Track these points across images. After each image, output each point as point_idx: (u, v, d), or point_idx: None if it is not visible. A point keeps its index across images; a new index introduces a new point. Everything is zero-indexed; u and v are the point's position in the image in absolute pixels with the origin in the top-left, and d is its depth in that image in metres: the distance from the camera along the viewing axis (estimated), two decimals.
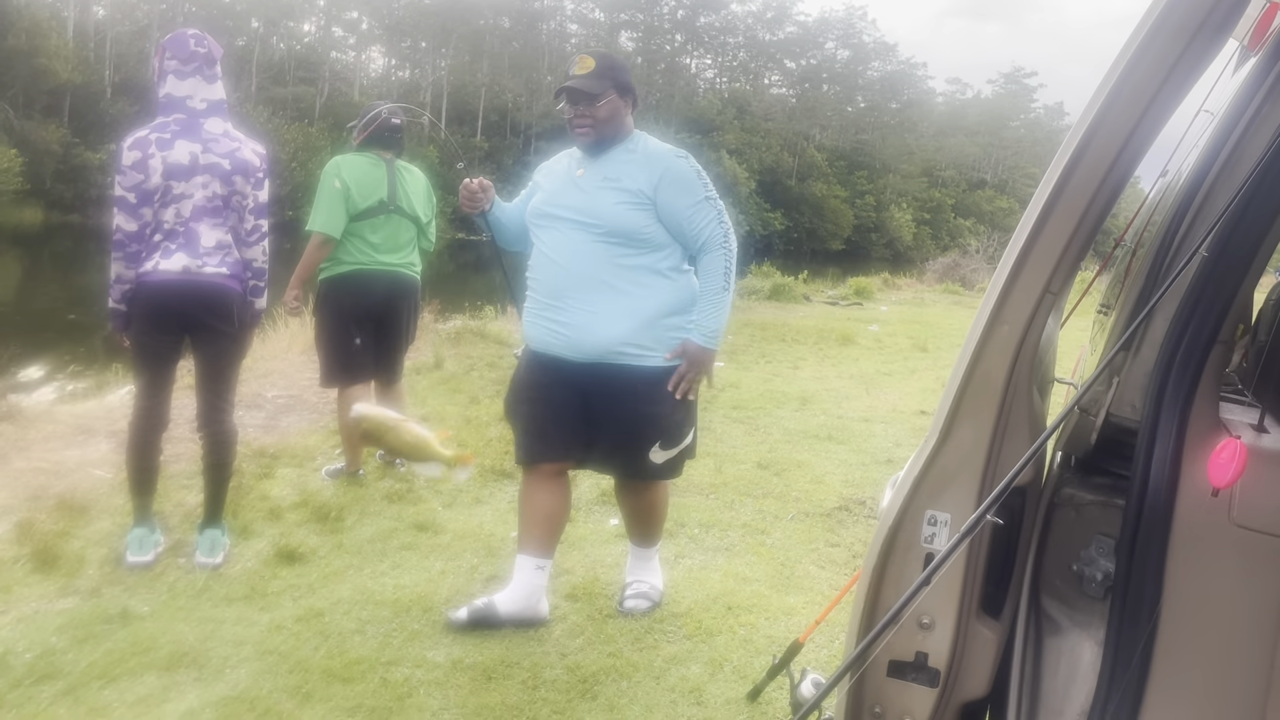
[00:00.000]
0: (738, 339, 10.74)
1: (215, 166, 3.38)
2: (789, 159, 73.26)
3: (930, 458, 1.32)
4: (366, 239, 4.39)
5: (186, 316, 3.41)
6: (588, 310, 2.98)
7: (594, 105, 2.98)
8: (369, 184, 4.37)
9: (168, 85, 3.41)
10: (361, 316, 4.46)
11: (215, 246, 3.40)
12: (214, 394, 3.55)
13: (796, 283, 18.47)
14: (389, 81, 65.53)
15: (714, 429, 6.18)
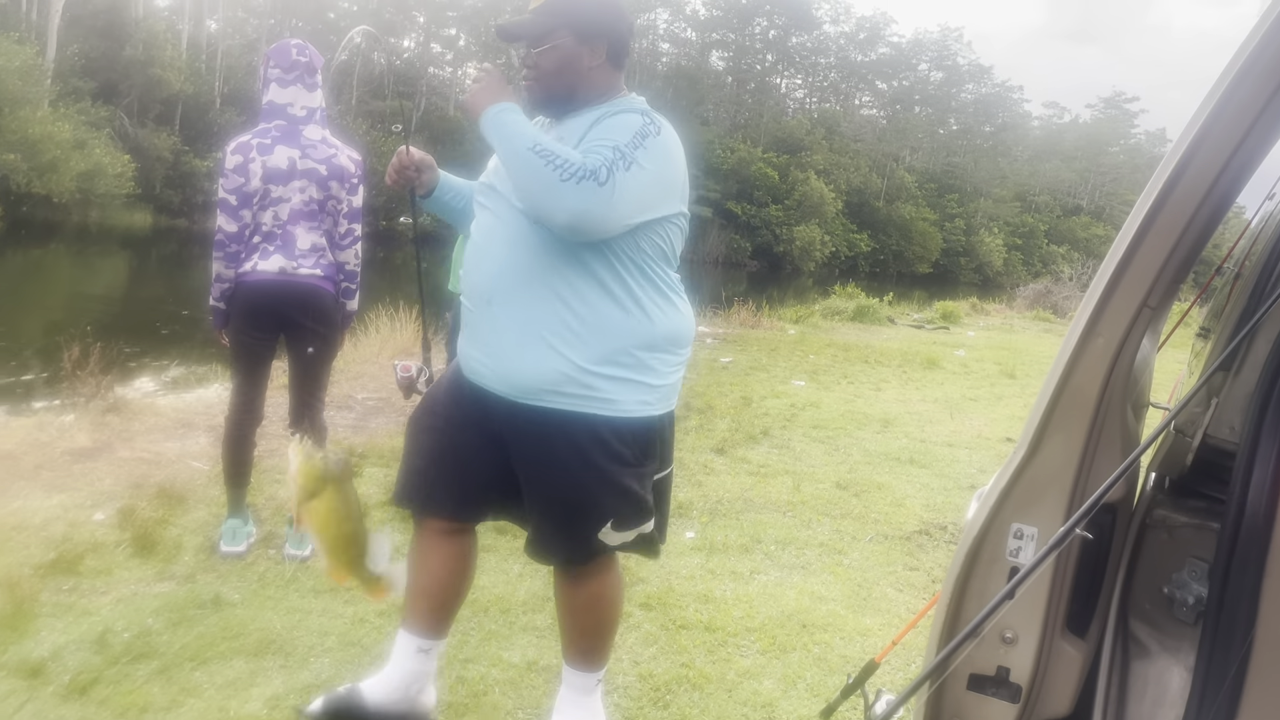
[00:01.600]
0: (820, 359, 10.66)
1: (312, 172, 3.51)
2: (877, 180, 72.46)
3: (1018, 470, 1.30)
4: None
5: (281, 316, 3.53)
6: (519, 326, 2.12)
7: (534, 52, 2.19)
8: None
9: (270, 92, 3.55)
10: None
11: (310, 249, 3.52)
12: (306, 392, 3.67)
13: (881, 305, 18.24)
14: None
15: (793, 447, 6.15)
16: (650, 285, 2.18)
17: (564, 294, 2.11)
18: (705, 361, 9.65)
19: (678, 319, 2.26)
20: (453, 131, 52.11)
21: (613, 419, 2.16)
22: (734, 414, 7.01)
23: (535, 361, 2.12)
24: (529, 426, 2.18)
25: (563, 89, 2.20)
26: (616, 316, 2.13)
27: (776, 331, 13.39)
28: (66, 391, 5.85)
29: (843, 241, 65.59)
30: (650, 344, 2.17)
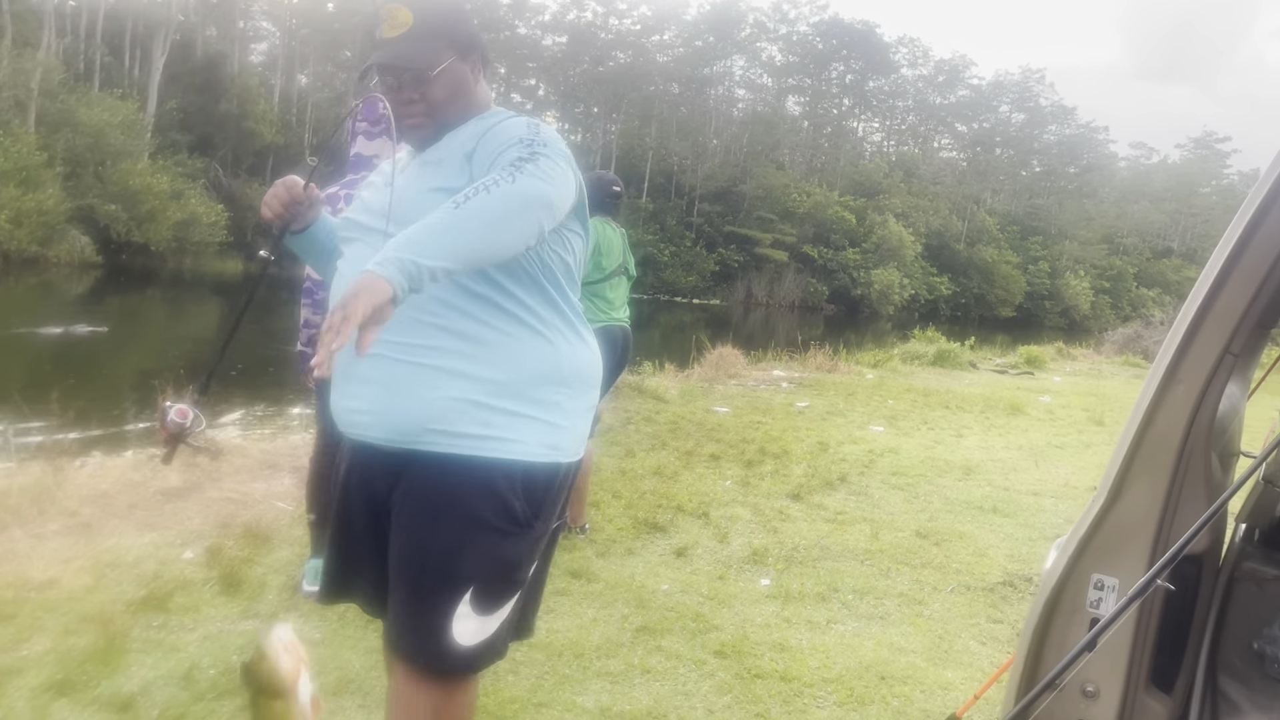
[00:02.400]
0: (899, 404, 10.50)
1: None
2: (958, 223, 71.51)
3: (1098, 519, 1.27)
4: (606, 298, 4.65)
5: None
6: (398, 355, 1.78)
7: (425, 83, 1.86)
8: (612, 249, 4.67)
9: (358, 145, 3.67)
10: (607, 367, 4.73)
11: None
12: None
13: (963, 349, 17.90)
14: None
15: (871, 494, 6.06)
16: (553, 310, 1.86)
17: (452, 320, 1.77)
18: (781, 406, 9.58)
19: (586, 353, 1.93)
20: None
21: (511, 464, 1.79)
22: (810, 459, 6.94)
23: (419, 393, 1.76)
24: (411, 479, 1.81)
25: (456, 113, 1.90)
26: (518, 340, 1.80)
27: (854, 376, 13.24)
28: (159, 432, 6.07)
29: (922, 285, 64.73)
30: (558, 377, 1.84)
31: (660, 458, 6.53)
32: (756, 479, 6.17)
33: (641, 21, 68.51)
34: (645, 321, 33.21)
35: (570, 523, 4.72)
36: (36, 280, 27.84)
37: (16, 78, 33.31)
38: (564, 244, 1.87)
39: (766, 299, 59.15)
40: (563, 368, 1.85)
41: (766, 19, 74.53)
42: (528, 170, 1.64)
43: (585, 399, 1.92)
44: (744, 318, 47.64)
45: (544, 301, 1.84)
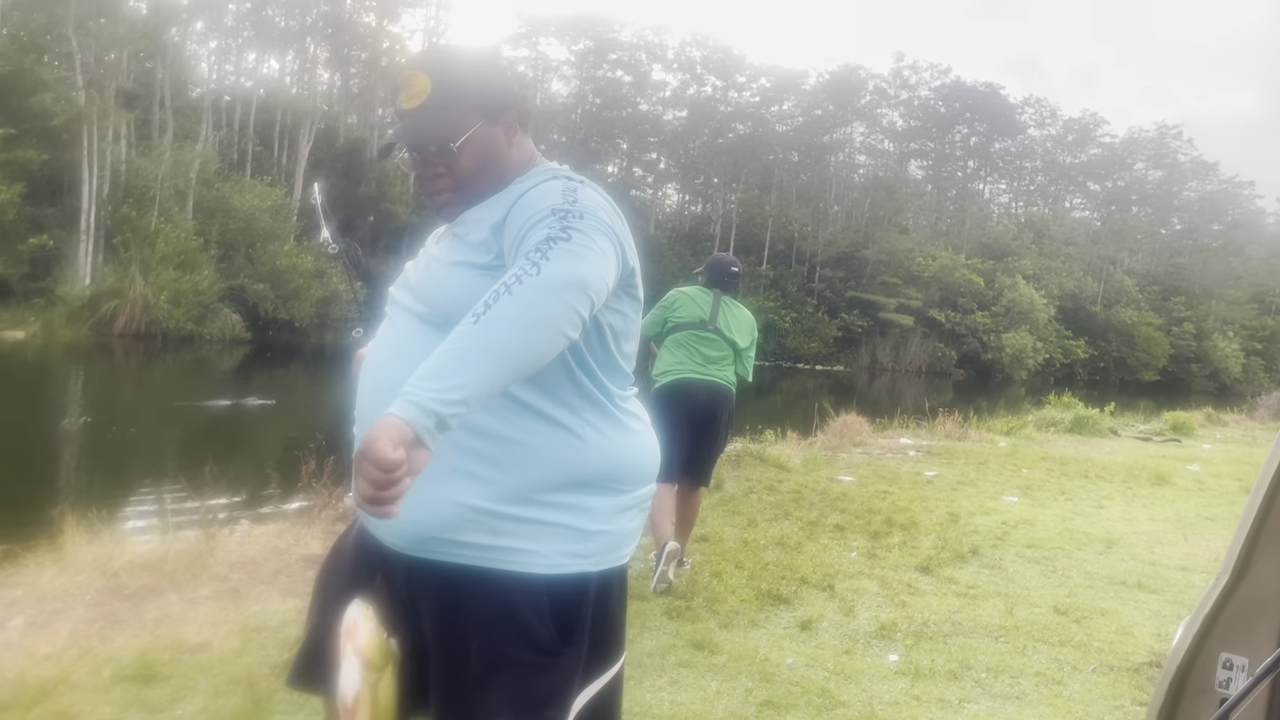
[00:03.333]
0: (1034, 473, 10.13)
1: None
2: (1093, 284, 68.97)
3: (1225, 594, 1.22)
4: (696, 351, 5.04)
5: None
6: None
7: (449, 156, 1.69)
8: (695, 306, 5.11)
9: None
10: (686, 420, 4.96)
11: None
12: None
13: (1102, 415, 17.18)
14: (682, 215, 68.96)
15: (1005, 568, 5.85)
16: (585, 398, 1.61)
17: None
18: (908, 475, 9.37)
19: (623, 445, 1.67)
20: (653, 251, 53.92)
21: (529, 579, 1.56)
22: (940, 531, 6.75)
23: (429, 500, 1.52)
24: (430, 589, 1.61)
25: (489, 181, 1.71)
26: (537, 436, 1.57)
27: (986, 444, 12.85)
28: (303, 501, 6.37)
29: (1057, 348, 62.50)
30: (583, 479, 1.60)
31: (783, 528, 6.47)
32: (883, 551, 6.04)
33: (761, 93, 69.42)
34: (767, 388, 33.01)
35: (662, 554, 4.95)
36: (192, 356, 29.67)
37: (177, 169, 35.97)
38: (605, 325, 1.63)
39: (892, 364, 58.11)
40: (589, 467, 1.60)
41: (887, 85, 74.47)
42: (556, 253, 1.43)
43: (620, 498, 1.66)
44: (869, 384, 46.85)
45: (575, 390, 1.60)
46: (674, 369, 5.04)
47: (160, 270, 32.08)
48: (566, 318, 1.41)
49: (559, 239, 1.45)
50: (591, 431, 1.61)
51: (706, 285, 5.23)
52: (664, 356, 5.09)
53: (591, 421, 1.62)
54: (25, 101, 30.97)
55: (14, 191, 29.59)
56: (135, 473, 10.55)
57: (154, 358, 28.68)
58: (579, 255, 1.45)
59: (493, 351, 1.35)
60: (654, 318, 5.09)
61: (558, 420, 1.58)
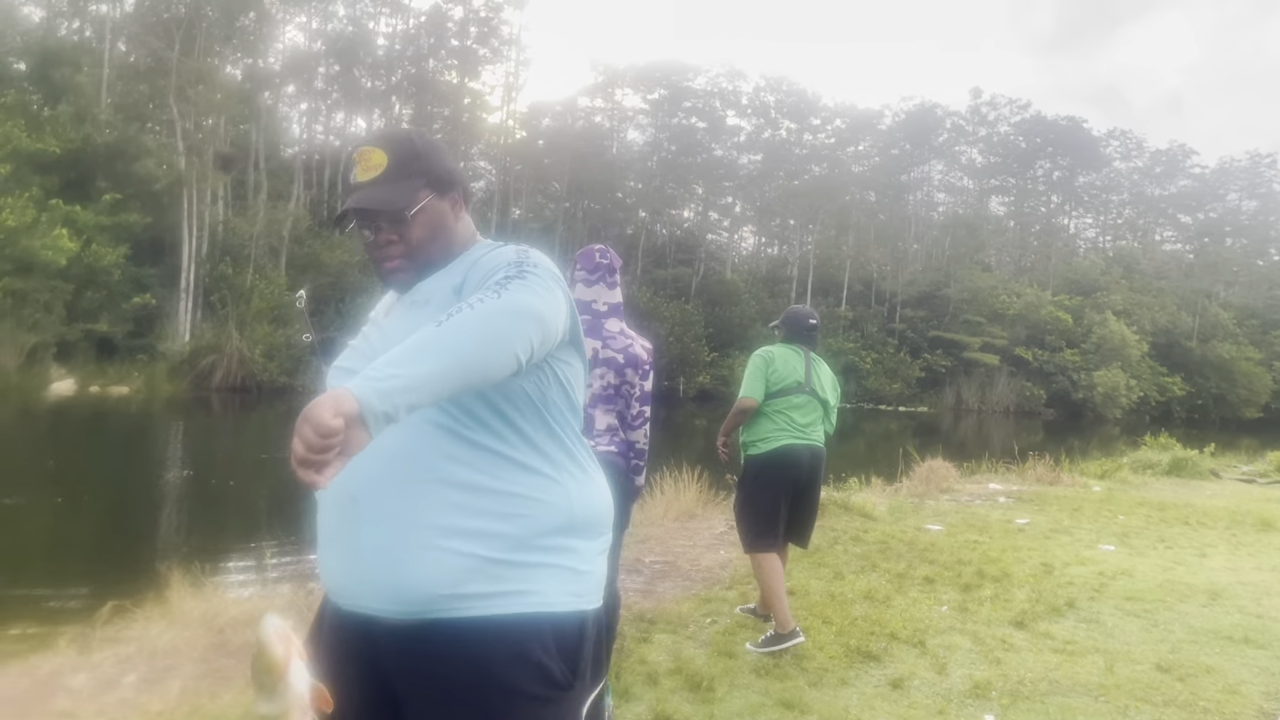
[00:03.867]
0: (1131, 520, 9.81)
1: (611, 360, 3.86)
2: (1188, 319, 66.71)
3: None
4: (791, 417, 4.95)
5: None
6: (399, 518, 1.60)
7: (402, 225, 1.77)
8: (789, 368, 5.02)
9: (576, 291, 3.97)
10: (789, 486, 4.95)
11: (606, 429, 3.84)
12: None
13: (1202, 456, 16.53)
14: (759, 258, 68.97)
15: (1103, 621, 5.68)
16: (559, 447, 1.71)
17: (451, 473, 1.60)
18: (998, 523, 9.16)
19: (595, 491, 1.76)
20: (730, 294, 53.98)
21: (536, 619, 1.60)
22: (1034, 583, 6.58)
23: (422, 557, 1.57)
24: (424, 652, 1.59)
25: (438, 252, 1.80)
26: (526, 487, 1.64)
27: (1079, 488, 12.48)
28: None
29: (1151, 386, 60.48)
30: (570, 523, 1.67)
31: (871, 580, 6.39)
32: (975, 604, 5.92)
33: (836, 134, 69.42)
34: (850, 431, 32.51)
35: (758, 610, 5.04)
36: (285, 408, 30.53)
37: (271, 227, 37.44)
38: (565, 367, 1.74)
39: (978, 405, 56.89)
40: (575, 512, 1.69)
41: (964, 123, 73.82)
42: (514, 286, 1.55)
43: (599, 541, 1.75)
44: (954, 425, 45.90)
45: (549, 439, 1.69)
46: (774, 435, 4.94)
47: (255, 325, 33.32)
48: (519, 340, 1.51)
49: (517, 278, 1.57)
50: (569, 478, 1.70)
51: (786, 340, 5.16)
52: (760, 423, 4.97)
53: (568, 469, 1.71)
54: (130, 167, 32.66)
55: (119, 253, 31.13)
56: (235, 525, 10.91)
57: (250, 410, 29.66)
58: (535, 292, 1.57)
59: (449, 353, 1.43)
60: (756, 381, 4.95)
61: (540, 470, 1.66)
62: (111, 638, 4.85)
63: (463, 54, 51.64)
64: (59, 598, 6.99)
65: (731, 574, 6.44)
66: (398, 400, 1.37)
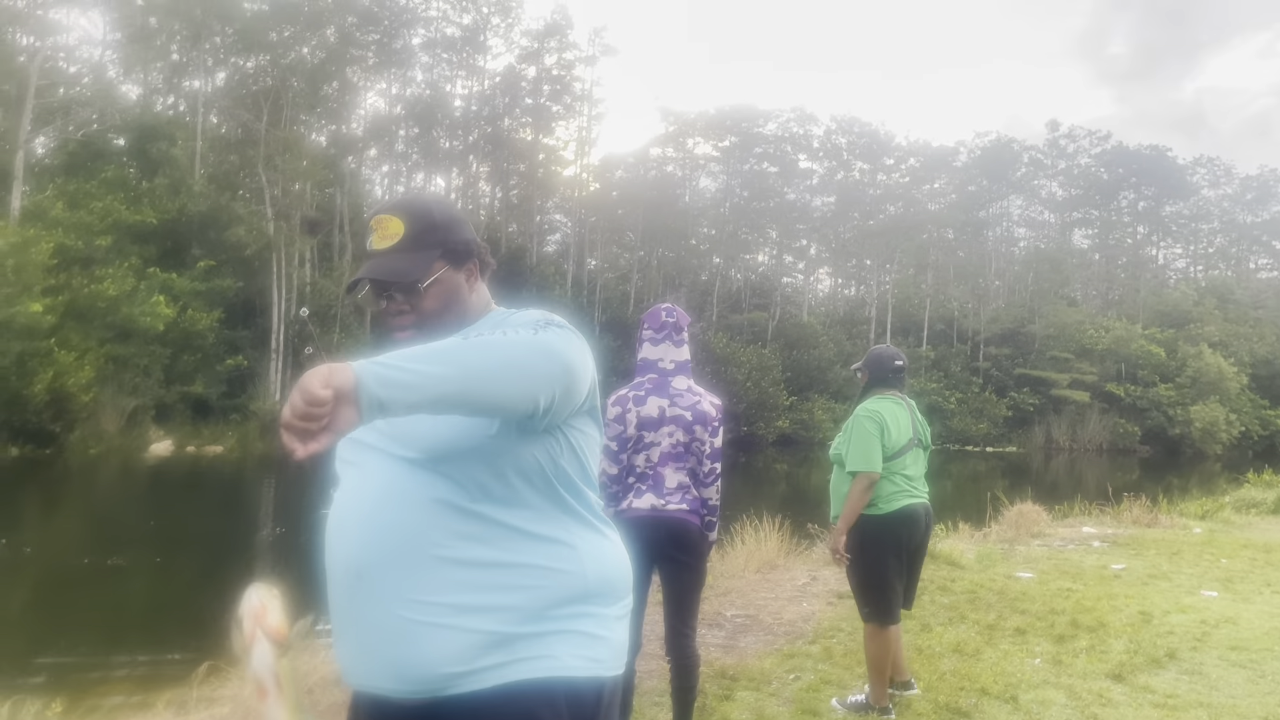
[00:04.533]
0: (1234, 563, 9.39)
1: (679, 418, 3.89)
2: None
3: None
4: (905, 475, 4.59)
5: (654, 549, 3.87)
6: (406, 595, 1.56)
7: (415, 295, 1.75)
8: (899, 426, 4.63)
9: (644, 350, 4.04)
10: (908, 549, 4.62)
11: (677, 487, 3.86)
12: (679, 619, 3.92)
13: None
14: (836, 300, 68.50)
15: (1207, 673, 5.44)
16: (572, 516, 1.67)
17: (460, 549, 1.56)
18: (1093, 569, 8.86)
19: (611, 556, 1.73)
20: (807, 337, 53.60)
21: (549, 684, 1.56)
22: (1131, 632, 6.34)
23: (435, 637, 1.53)
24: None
25: (450, 323, 1.77)
26: (538, 559, 1.60)
27: (1178, 530, 12.01)
28: None
29: (1253, 419, 58.05)
30: (584, 592, 1.63)
31: (959, 632, 6.23)
32: (1069, 656, 5.73)
33: (910, 174, 68.96)
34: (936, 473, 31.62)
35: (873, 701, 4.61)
36: None
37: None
38: (578, 434, 1.69)
39: (1069, 443, 55.26)
40: (590, 579, 1.64)
41: (1043, 156, 72.71)
42: (551, 332, 1.54)
43: (617, 606, 1.71)
44: (1045, 465, 44.61)
45: (561, 508, 1.65)
46: (891, 496, 4.58)
47: None
48: (542, 380, 1.48)
49: (556, 327, 1.59)
50: (583, 544, 1.66)
51: (871, 384, 4.83)
52: (877, 485, 4.56)
53: (582, 536, 1.67)
54: (222, 235, 34.02)
55: (213, 318, 32.35)
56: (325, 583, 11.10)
57: None
58: (570, 344, 1.56)
59: (465, 364, 1.40)
60: (871, 449, 4.50)
61: (553, 538, 1.62)
62: (207, 698, 5.00)
63: (537, 111, 52.82)
64: (158, 661, 7.22)
65: (815, 627, 6.35)
66: (396, 392, 1.33)
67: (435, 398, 1.36)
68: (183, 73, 40.74)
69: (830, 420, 49.17)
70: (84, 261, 29.02)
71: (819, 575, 8.19)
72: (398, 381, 1.33)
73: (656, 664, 4.88)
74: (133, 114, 37.05)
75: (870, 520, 4.54)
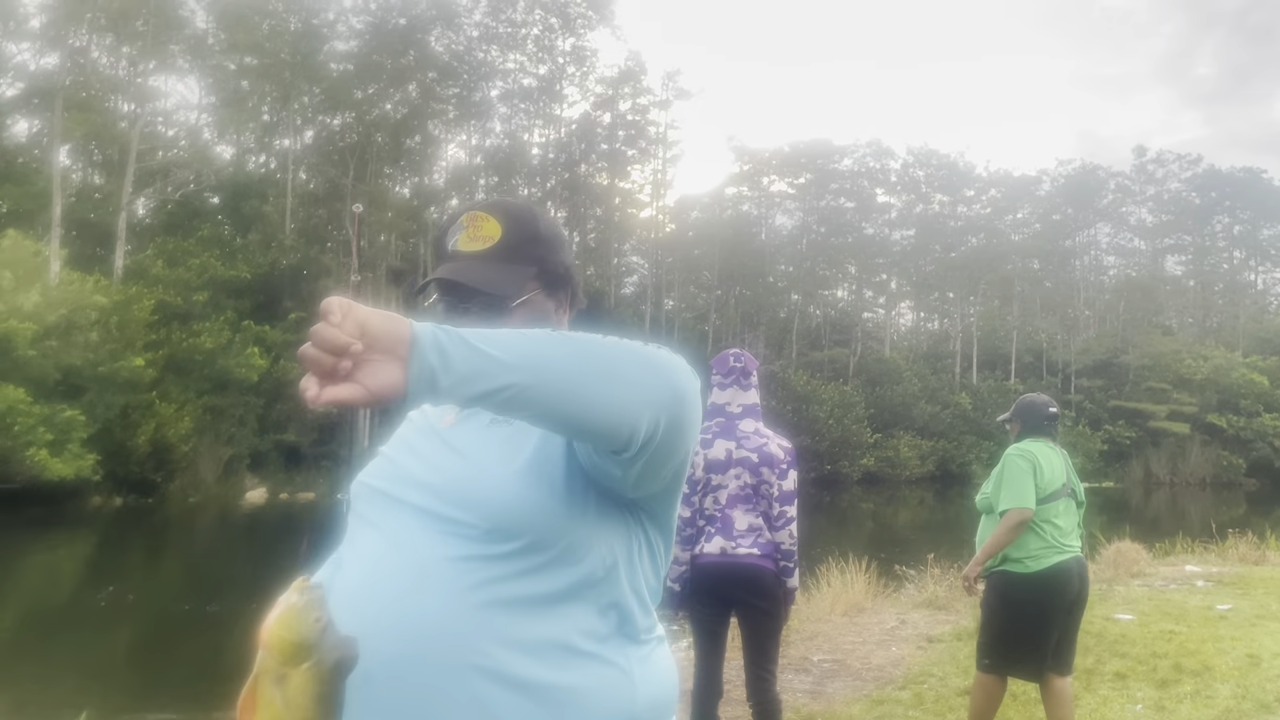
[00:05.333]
0: None
1: (746, 460, 3.92)
2: None
3: None
4: (1056, 525, 4.26)
5: (727, 595, 3.89)
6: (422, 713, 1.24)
7: (499, 314, 1.41)
8: (1054, 469, 4.35)
9: (712, 395, 4.09)
10: (1061, 612, 4.26)
11: (748, 529, 3.87)
12: (758, 665, 3.92)
13: None
14: (918, 334, 67.45)
15: None
16: (634, 625, 1.38)
17: (510, 662, 1.24)
18: (1197, 610, 8.51)
19: (662, 675, 1.41)
20: (890, 373, 52.85)
21: None
22: (1239, 677, 6.07)
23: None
24: None
25: None
26: (587, 679, 1.29)
27: None
28: None
29: None
30: (631, 715, 1.34)
31: None
32: (1173, 702, 5.51)
33: (992, 204, 67.89)
34: None
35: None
36: None
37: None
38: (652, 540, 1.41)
39: (1170, 477, 53.18)
40: (637, 703, 1.34)
41: (1130, 182, 70.95)
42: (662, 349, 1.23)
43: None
44: (1144, 500, 43.01)
45: (625, 618, 1.36)
46: (1041, 552, 4.23)
47: None
48: (646, 399, 1.16)
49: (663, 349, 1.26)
50: (635, 666, 1.36)
51: (1023, 435, 4.46)
52: (1023, 537, 4.22)
53: (633, 655, 1.36)
54: (312, 286, 35.15)
55: None
56: None
57: None
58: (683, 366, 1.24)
59: (554, 356, 1.12)
60: (1025, 486, 4.20)
61: (605, 658, 1.32)
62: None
63: (612, 156, 53.56)
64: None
65: (905, 673, 6.23)
66: (459, 369, 1.05)
67: (507, 392, 1.08)
68: (273, 132, 42.55)
69: (916, 457, 48.29)
70: (182, 316, 30.34)
71: (908, 618, 8.04)
72: (464, 359, 1.05)
73: (740, 709, 4.84)
74: (227, 173, 38.77)
75: (1017, 579, 4.23)
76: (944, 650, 6.94)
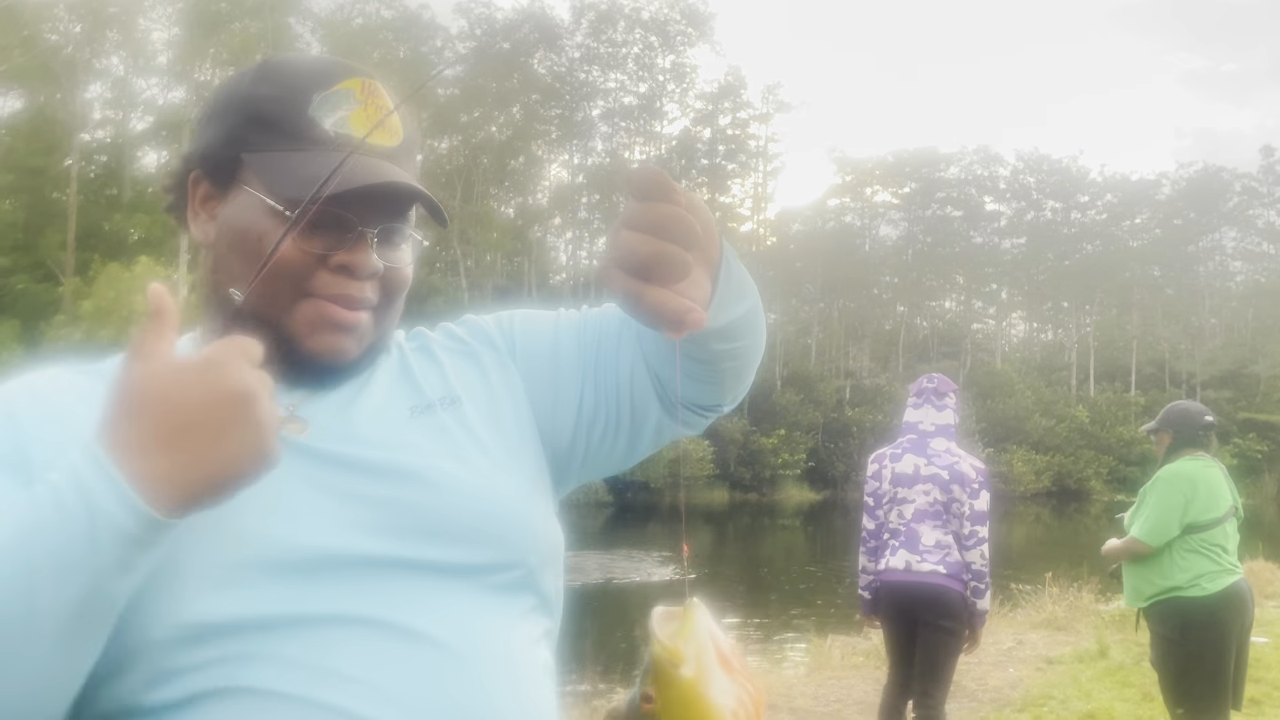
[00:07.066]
0: None
1: (935, 477, 3.95)
2: None
3: None
4: (1224, 548, 4.05)
5: (909, 610, 3.93)
6: None
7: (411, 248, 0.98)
8: (1216, 490, 4.10)
9: (906, 414, 4.22)
10: (1237, 638, 4.06)
11: (934, 546, 3.90)
12: (928, 682, 3.92)
13: None
14: (1031, 345, 65.43)
15: None
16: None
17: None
18: None
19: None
20: (1002, 386, 51.41)
21: None
22: None
23: None
24: None
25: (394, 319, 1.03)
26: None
27: None
28: None
29: None
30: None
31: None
32: None
33: (1108, 210, 65.53)
34: None
35: None
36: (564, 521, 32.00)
37: None
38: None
39: None
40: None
41: (1257, 184, 67.50)
42: None
43: None
44: (1278, 518, 40.71)
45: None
46: (1214, 574, 3.98)
47: None
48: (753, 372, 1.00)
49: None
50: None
51: (1176, 446, 4.19)
52: (1190, 560, 3.97)
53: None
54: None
55: None
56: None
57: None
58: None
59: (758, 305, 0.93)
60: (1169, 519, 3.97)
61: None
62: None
63: (712, 171, 53.69)
64: None
65: (1023, 695, 6.07)
66: (736, 274, 0.86)
67: (748, 317, 0.91)
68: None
69: (1031, 472, 46.78)
70: None
71: (1025, 639, 7.83)
72: (737, 263, 0.87)
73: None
74: None
75: (1194, 604, 3.97)
76: (1064, 672, 6.73)
